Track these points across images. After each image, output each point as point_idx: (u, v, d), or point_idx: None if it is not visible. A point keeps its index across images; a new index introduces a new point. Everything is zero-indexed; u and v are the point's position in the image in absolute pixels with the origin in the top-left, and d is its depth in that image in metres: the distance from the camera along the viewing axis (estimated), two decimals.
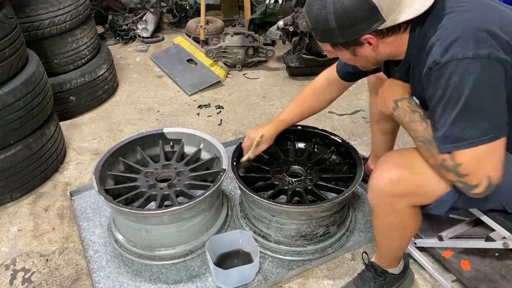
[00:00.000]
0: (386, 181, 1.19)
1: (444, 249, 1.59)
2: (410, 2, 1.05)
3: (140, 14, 3.96)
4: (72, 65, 2.62)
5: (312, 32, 1.16)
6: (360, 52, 1.15)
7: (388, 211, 1.25)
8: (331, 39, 1.13)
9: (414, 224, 1.29)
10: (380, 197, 1.23)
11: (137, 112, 2.80)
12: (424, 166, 1.17)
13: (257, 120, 2.67)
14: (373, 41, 1.09)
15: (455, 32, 1.01)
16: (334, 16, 1.05)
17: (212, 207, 1.71)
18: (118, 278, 1.62)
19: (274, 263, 1.67)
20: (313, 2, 1.10)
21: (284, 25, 2.98)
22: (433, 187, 1.17)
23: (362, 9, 1.03)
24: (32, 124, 1.98)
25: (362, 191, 2.01)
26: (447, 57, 1.00)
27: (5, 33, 1.85)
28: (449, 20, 1.04)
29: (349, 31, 1.08)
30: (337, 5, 1.04)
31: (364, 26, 1.06)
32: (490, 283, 1.46)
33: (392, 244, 1.40)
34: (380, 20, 1.04)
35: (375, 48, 1.12)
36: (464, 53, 0.98)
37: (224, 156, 1.78)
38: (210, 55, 3.18)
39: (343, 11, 1.04)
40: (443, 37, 1.02)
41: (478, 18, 1.03)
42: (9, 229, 1.88)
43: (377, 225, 1.36)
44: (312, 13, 1.11)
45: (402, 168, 1.19)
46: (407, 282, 1.54)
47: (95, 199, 1.99)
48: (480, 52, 0.97)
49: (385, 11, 1.03)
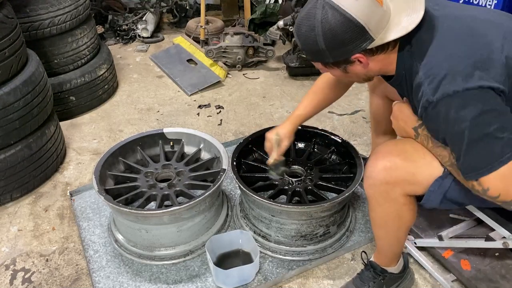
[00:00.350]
0: (380, 168, 1.22)
1: (444, 249, 1.59)
2: (398, 20, 1.06)
3: (140, 14, 3.97)
4: (72, 65, 2.62)
5: (303, 52, 1.18)
6: (351, 70, 1.17)
7: (383, 200, 1.26)
8: (321, 59, 1.16)
9: (409, 214, 1.30)
10: (375, 185, 1.25)
11: (137, 112, 2.80)
12: (418, 155, 1.20)
13: (257, 120, 2.67)
14: (363, 59, 1.11)
15: (442, 69, 1.02)
16: (323, 38, 1.07)
17: (212, 207, 1.71)
18: (118, 278, 1.62)
19: (274, 263, 1.67)
20: (302, 24, 1.11)
21: (284, 25, 2.98)
22: (425, 175, 1.19)
23: (349, 31, 1.04)
24: (32, 124, 1.98)
25: (362, 191, 2.01)
26: (439, 95, 1.01)
27: (5, 33, 1.85)
28: (435, 55, 1.05)
29: (339, 51, 1.10)
30: (325, 27, 1.06)
31: (353, 46, 1.07)
32: (490, 283, 1.46)
33: (389, 236, 1.40)
34: (369, 40, 1.06)
35: (365, 66, 1.14)
36: (454, 88, 0.99)
37: (224, 156, 1.78)
38: (210, 55, 3.18)
39: (331, 33, 1.06)
40: (431, 76, 1.04)
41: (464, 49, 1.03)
42: (9, 229, 1.88)
43: (373, 216, 1.37)
44: (301, 34, 1.12)
45: (395, 156, 1.21)
46: (406, 282, 1.54)
47: (95, 199, 1.99)
48: (469, 86, 0.98)
49: (373, 30, 1.05)
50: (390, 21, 1.06)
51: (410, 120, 1.24)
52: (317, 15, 1.06)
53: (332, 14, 1.04)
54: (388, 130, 1.83)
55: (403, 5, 1.08)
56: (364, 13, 1.03)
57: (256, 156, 1.94)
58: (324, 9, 1.05)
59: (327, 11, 1.05)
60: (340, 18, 1.04)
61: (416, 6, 1.07)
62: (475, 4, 2.93)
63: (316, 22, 1.06)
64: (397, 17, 1.07)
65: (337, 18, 1.04)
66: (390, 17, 1.07)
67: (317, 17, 1.06)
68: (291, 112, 2.70)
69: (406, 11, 1.07)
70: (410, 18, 1.06)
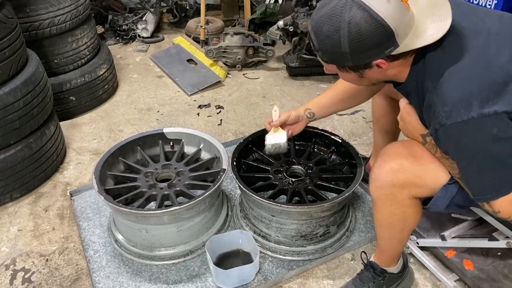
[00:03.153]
0: (387, 171, 1.20)
1: (447, 248, 1.59)
2: (423, 27, 1.01)
3: (140, 14, 3.96)
4: (72, 65, 2.62)
5: (318, 52, 1.10)
6: (367, 74, 1.12)
7: (389, 202, 1.25)
8: (339, 62, 1.09)
9: (414, 216, 1.29)
10: (382, 187, 1.23)
11: (137, 112, 2.80)
12: (426, 159, 1.18)
13: (257, 120, 2.67)
14: (384, 65, 1.06)
15: (456, 92, 0.99)
16: (348, 40, 1.00)
17: (212, 207, 1.71)
18: (118, 278, 1.62)
19: (274, 263, 1.67)
20: (323, 22, 1.03)
21: (284, 25, 2.98)
22: (433, 179, 1.18)
23: (378, 34, 0.98)
24: (32, 124, 1.97)
25: (362, 191, 2.01)
26: (452, 120, 0.99)
27: (5, 33, 1.85)
28: (449, 76, 1.01)
29: (362, 55, 1.03)
30: (352, 29, 0.98)
31: (378, 51, 1.02)
32: (493, 283, 1.46)
33: (393, 237, 1.39)
34: (394, 45, 1.01)
35: (383, 71, 1.09)
36: (469, 114, 0.96)
37: (224, 156, 1.78)
38: (210, 55, 3.18)
39: (358, 35, 0.98)
40: (445, 98, 1.00)
41: (479, 72, 1.00)
42: (9, 229, 1.88)
43: (378, 217, 1.35)
44: (321, 34, 1.04)
45: (403, 158, 1.20)
46: (406, 281, 1.54)
47: (95, 199, 1.99)
48: (484, 112, 0.96)
49: (400, 36, 0.99)
50: (415, 27, 1.01)
51: (418, 125, 1.20)
52: (344, 14, 0.98)
53: (362, 16, 0.97)
54: (390, 129, 1.82)
55: (427, 11, 1.03)
56: (395, 17, 0.97)
57: (256, 156, 1.94)
58: (352, 9, 0.97)
59: (356, 11, 0.97)
60: (370, 21, 0.97)
61: (442, 13, 1.02)
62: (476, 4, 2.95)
63: (343, 22, 0.98)
64: (422, 24, 1.02)
65: (368, 21, 0.97)
66: (414, 23, 1.02)
67: (344, 17, 0.98)
68: None
69: (431, 18, 1.02)
70: (436, 25, 1.01)
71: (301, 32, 2.98)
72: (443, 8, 1.03)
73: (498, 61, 1.01)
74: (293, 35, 3.08)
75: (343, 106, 1.61)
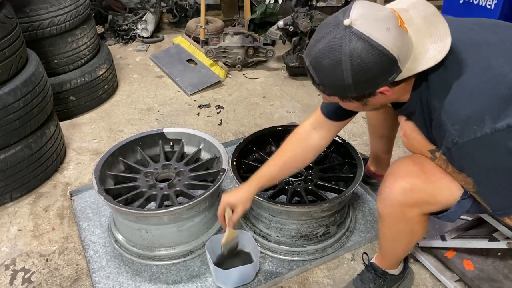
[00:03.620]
0: (399, 191, 1.17)
1: (447, 249, 1.59)
2: (423, 48, 0.99)
3: (140, 14, 3.96)
4: (72, 65, 2.62)
5: (319, 86, 1.06)
6: (370, 102, 1.08)
7: (398, 219, 1.24)
8: (342, 94, 1.06)
9: (422, 231, 1.29)
10: (392, 206, 1.21)
11: (137, 112, 2.80)
12: (436, 174, 1.15)
13: (257, 120, 2.67)
14: (388, 92, 1.03)
15: (465, 109, 0.97)
16: (351, 73, 0.96)
17: (212, 207, 1.71)
18: (118, 278, 1.62)
19: (274, 263, 1.67)
20: (322, 57, 0.99)
21: (284, 25, 2.98)
22: (446, 196, 1.16)
23: (382, 63, 0.95)
24: (32, 124, 1.97)
25: (362, 191, 2.01)
26: (465, 138, 0.96)
27: (5, 33, 1.85)
28: (456, 93, 0.99)
29: (366, 85, 1.00)
30: (354, 62, 0.95)
31: (382, 79, 0.99)
32: (493, 283, 1.46)
33: (398, 250, 1.41)
34: (397, 72, 0.98)
35: (387, 97, 1.06)
36: (482, 130, 0.94)
37: (224, 156, 1.78)
38: (210, 55, 3.18)
39: (361, 67, 0.95)
40: (455, 116, 0.98)
41: (485, 86, 0.97)
42: (9, 229, 1.88)
43: (384, 232, 1.34)
44: (322, 69, 1.01)
45: (415, 176, 1.17)
46: (406, 281, 1.54)
47: (95, 199, 1.99)
48: (497, 126, 0.93)
49: (402, 61, 0.97)
50: (415, 49, 0.98)
51: (424, 141, 1.18)
52: (343, 47, 0.94)
53: (363, 47, 0.93)
54: (384, 133, 1.80)
55: (425, 31, 1.00)
56: (397, 45, 0.94)
57: (256, 156, 1.94)
58: (351, 41, 0.94)
59: (356, 43, 0.93)
60: (372, 51, 0.93)
61: (440, 32, 0.99)
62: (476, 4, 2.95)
63: (344, 55, 0.95)
64: (421, 45, 0.99)
65: (369, 51, 0.93)
66: (413, 46, 0.99)
67: (345, 49, 0.94)
68: (291, 112, 2.72)
69: (430, 38, 1.00)
70: (437, 46, 0.98)
71: (301, 32, 2.98)
72: (440, 27, 1.00)
73: (501, 72, 0.98)
74: (293, 35, 3.08)
75: (292, 171, 1.51)
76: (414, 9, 1.04)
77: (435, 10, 1.03)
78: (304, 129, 1.45)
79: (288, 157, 1.44)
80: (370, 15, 0.95)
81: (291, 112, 2.74)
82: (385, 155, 1.88)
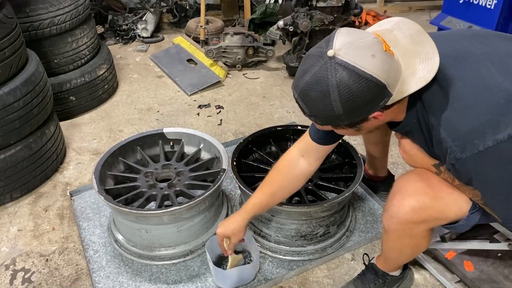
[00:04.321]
0: (408, 210, 1.16)
1: (447, 250, 1.59)
2: (412, 69, 0.98)
3: (140, 14, 3.96)
4: (72, 65, 2.62)
5: (311, 117, 1.06)
6: (364, 127, 1.08)
7: (404, 235, 1.24)
8: (334, 123, 1.05)
9: (426, 244, 1.29)
10: (400, 223, 1.20)
11: (137, 112, 2.80)
12: (444, 190, 1.15)
13: (257, 120, 2.67)
14: (380, 116, 1.02)
15: (465, 124, 0.96)
16: (341, 103, 0.95)
17: (212, 207, 1.71)
18: (118, 278, 1.62)
19: (274, 263, 1.67)
20: (310, 90, 0.98)
21: (284, 25, 2.98)
22: (455, 211, 1.15)
23: (371, 91, 0.94)
24: (32, 124, 1.97)
25: (362, 191, 2.01)
26: (468, 153, 0.95)
27: (5, 33, 1.85)
28: (454, 111, 0.98)
29: (357, 113, 0.99)
30: (342, 92, 0.94)
31: (372, 105, 0.98)
32: (494, 284, 1.46)
33: (401, 259, 1.42)
34: (387, 96, 0.97)
35: (380, 121, 1.06)
36: (484, 144, 0.93)
37: (224, 156, 1.78)
38: (210, 55, 3.18)
39: (350, 96, 0.94)
40: (454, 132, 0.97)
41: (482, 99, 0.96)
42: (9, 229, 1.88)
43: (389, 245, 1.34)
44: (310, 101, 1.00)
45: (423, 194, 1.15)
46: (406, 281, 1.54)
47: (95, 199, 1.99)
48: (499, 137, 0.91)
49: (391, 85, 0.96)
50: (404, 71, 0.97)
51: (426, 157, 1.17)
52: (330, 78, 0.94)
53: (350, 76, 0.92)
54: (378, 140, 1.78)
55: (412, 51, 0.99)
56: (384, 70, 0.93)
57: (256, 156, 1.94)
58: (337, 71, 0.93)
59: (342, 73, 0.92)
60: (359, 80, 0.92)
61: (427, 51, 0.98)
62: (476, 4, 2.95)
63: (331, 87, 0.94)
64: (410, 66, 0.98)
65: (356, 80, 0.92)
66: (401, 68, 0.98)
67: (331, 81, 0.94)
68: (291, 112, 2.72)
69: (417, 58, 0.98)
70: (425, 66, 0.97)
71: (301, 32, 2.98)
72: (427, 45, 0.99)
73: (494, 82, 0.97)
74: (293, 35, 3.08)
75: (283, 198, 1.50)
76: (399, 29, 1.02)
77: (419, 28, 1.02)
78: (291, 156, 1.43)
79: (276, 187, 1.44)
80: (354, 43, 0.94)
81: (291, 112, 2.74)
82: (382, 157, 1.88)
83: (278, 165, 1.46)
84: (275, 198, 1.46)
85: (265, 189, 1.45)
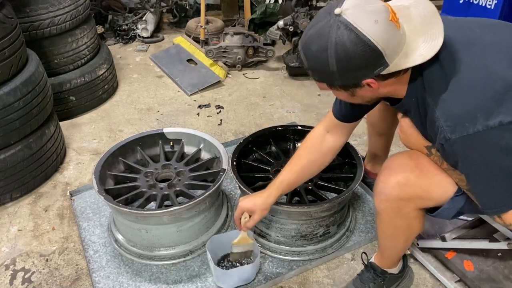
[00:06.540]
0: (394, 185, 1.19)
1: (447, 249, 1.59)
2: (415, 46, 0.99)
3: (140, 14, 3.96)
4: (72, 65, 2.62)
5: (308, 70, 1.09)
6: (359, 93, 1.10)
7: (395, 214, 1.25)
8: (329, 81, 1.08)
9: (419, 226, 1.30)
10: (387, 201, 1.22)
11: (137, 112, 2.80)
12: (431, 170, 1.17)
13: (257, 120, 2.67)
14: (374, 85, 1.04)
15: (459, 106, 0.98)
16: (336, 60, 0.98)
17: (212, 207, 1.71)
18: (118, 278, 1.62)
19: (274, 263, 1.67)
20: (311, 42, 1.02)
21: (284, 25, 2.98)
22: (439, 192, 1.17)
23: (366, 55, 0.96)
24: (32, 124, 1.97)
25: (362, 191, 2.01)
26: (458, 134, 0.97)
27: (5, 33, 1.85)
28: (451, 93, 1.00)
29: (350, 75, 1.02)
30: (339, 50, 0.97)
31: (366, 71, 1.00)
32: (493, 283, 1.46)
33: (397, 246, 1.41)
34: (383, 65, 0.98)
35: (374, 90, 1.07)
36: (474, 128, 0.95)
37: (224, 156, 1.78)
38: (210, 55, 3.18)
39: (345, 56, 0.97)
40: (448, 112, 0.99)
41: (480, 84, 0.98)
42: (9, 229, 1.88)
43: (382, 228, 1.35)
44: (310, 53, 1.04)
45: (409, 171, 1.18)
46: (406, 281, 1.54)
47: (95, 199, 1.99)
48: (489, 123, 0.94)
49: (389, 55, 0.97)
50: (406, 46, 0.99)
51: (421, 138, 1.18)
52: (331, 35, 0.97)
53: (349, 36, 0.95)
54: (383, 131, 1.80)
55: (420, 29, 1.01)
56: (383, 38, 0.95)
57: (256, 156, 1.94)
58: (339, 29, 0.95)
59: (343, 32, 0.95)
60: (357, 41, 0.95)
61: (434, 32, 1.00)
62: (476, 4, 2.95)
63: (330, 42, 0.97)
64: (414, 43, 0.99)
65: (354, 41, 0.95)
66: (406, 42, 0.99)
67: (331, 37, 0.96)
68: (291, 112, 2.72)
69: (423, 36, 1.00)
70: (428, 45, 0.99)
71: (301, 32, 2.98)
72: (435, 27, 1.00)
73: (496, 70, 0.99)
74: (293, 35, 3.08)
75: (310, 176, 1.51)
76: (416, 7, 1.04)
77: (434, 10, 1.04)
78: (318, 133, 1.46)
79: (305, 163, 1.44)
80: (362, 6, 0.96)
81: (291, 112, 2.74)
82: (383, 153, 1.88)
83: (304, 142, 1.47)
84: (304, 174, 1.46)
85: (293, 166, 1.44)
